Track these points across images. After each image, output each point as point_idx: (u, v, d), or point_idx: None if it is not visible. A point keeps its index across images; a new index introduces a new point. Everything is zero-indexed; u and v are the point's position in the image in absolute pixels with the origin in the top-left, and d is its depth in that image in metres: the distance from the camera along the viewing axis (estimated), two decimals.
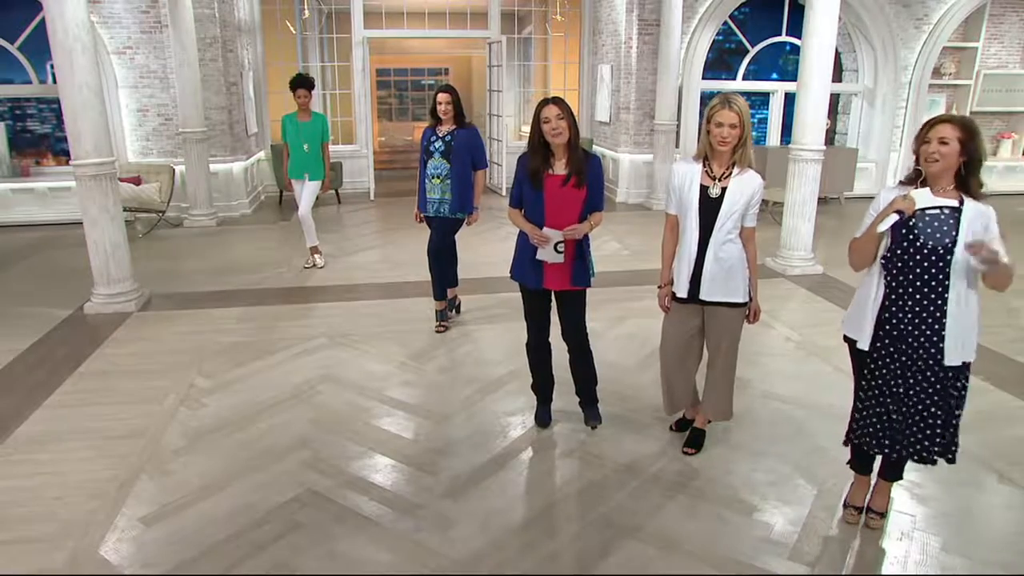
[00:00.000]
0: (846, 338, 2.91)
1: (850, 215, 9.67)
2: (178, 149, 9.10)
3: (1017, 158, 11.51)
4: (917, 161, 2.71)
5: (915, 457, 2.81)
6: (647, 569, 2.76)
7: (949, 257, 2.59)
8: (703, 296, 3.29)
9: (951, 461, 2.81)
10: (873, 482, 3.04)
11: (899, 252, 2.67)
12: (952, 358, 2.67)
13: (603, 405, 3.89)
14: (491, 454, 3.58)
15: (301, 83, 6.44)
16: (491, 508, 3.14)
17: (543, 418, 3.86)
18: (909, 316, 2.69)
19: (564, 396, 3.91)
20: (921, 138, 2.64)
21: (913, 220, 2.63)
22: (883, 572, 2.79)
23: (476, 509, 3.13)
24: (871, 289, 2.78)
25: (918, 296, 2.66)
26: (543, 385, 3.85)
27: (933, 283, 2.63)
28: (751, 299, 3.35)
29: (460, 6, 11.48)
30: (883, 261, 2.73)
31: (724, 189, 3.18)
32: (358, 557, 2.82)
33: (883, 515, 3.02)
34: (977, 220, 2.58)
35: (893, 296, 2.71)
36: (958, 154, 2.57)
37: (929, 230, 2.61)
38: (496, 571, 2.75)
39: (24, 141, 10.36)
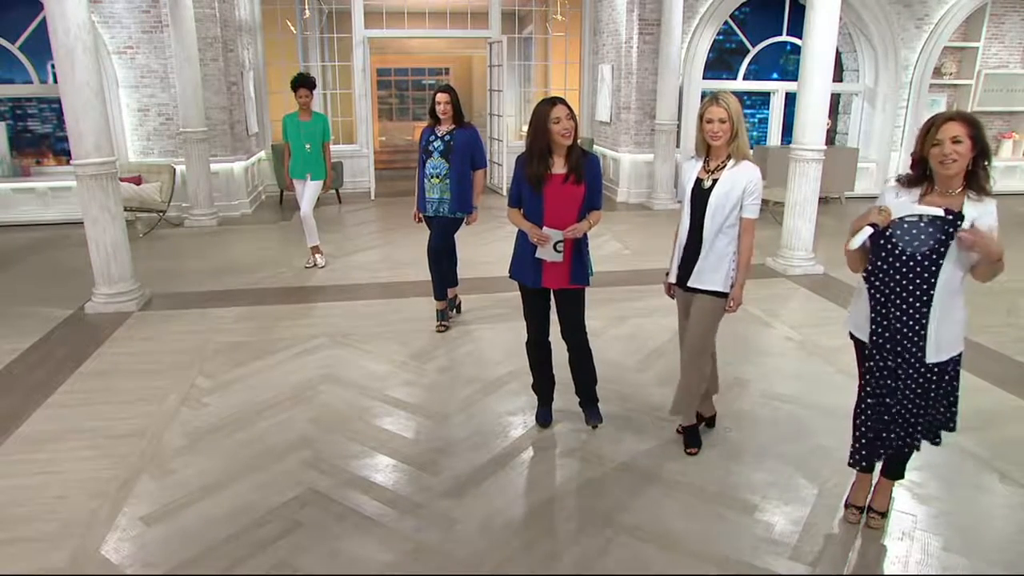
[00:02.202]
0: (852, 335, 2.92)
1: (851, 215, 9.65)
2: (179, 149, 9.11)
3: (1017, 158, 11.51)
4: (916, 164, 2.64)
5: (919, 439, 2.85)
6: (647, 568, 2.76)
7: (933, 267, 2.55)
8: (689, 283, 3.38)
9: (951, 430, 2.84)
10: (874, 481, 3.04)
11: (879, 263, 2.64)
12: (933, 355, 2.66)
13: (603, 405, 3.89)
14: (492, 454, 3.58)
15: (302, 83, 6.45)
16: (492, 508, 3.14)
17: (543, 418, 3.86)
18: (897, 325, 2.67)
19: (564, 396, 3.91)
20: (930, 140, 2.53)
21: (890, 230, 2.58)
22: (884, 572, 2.79)
23: (477, 508, 3.13)
24: (864, 291, 2.79)
25: (904, 305, 2.63)
26: (543, 385, 3.85)
27: (917, 292, 2.60)
28: (731, 289, 3.37)
29: (460, 6, 11.48)
30: (865, 274, 2.70)
31: (716, 181, 3.24)
32: (359, 556, 2.82)
33: (884, 515, 3.02)
34: (981, 221, 2.52)
35: (878, 307, 2.69)
36: (971, 151, 2.50)
37: (908, 237, 2.57)
38: (497, 571, 2.75)
39: (25, 141, 10.36)
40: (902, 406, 2.76)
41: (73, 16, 5.12)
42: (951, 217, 2.50)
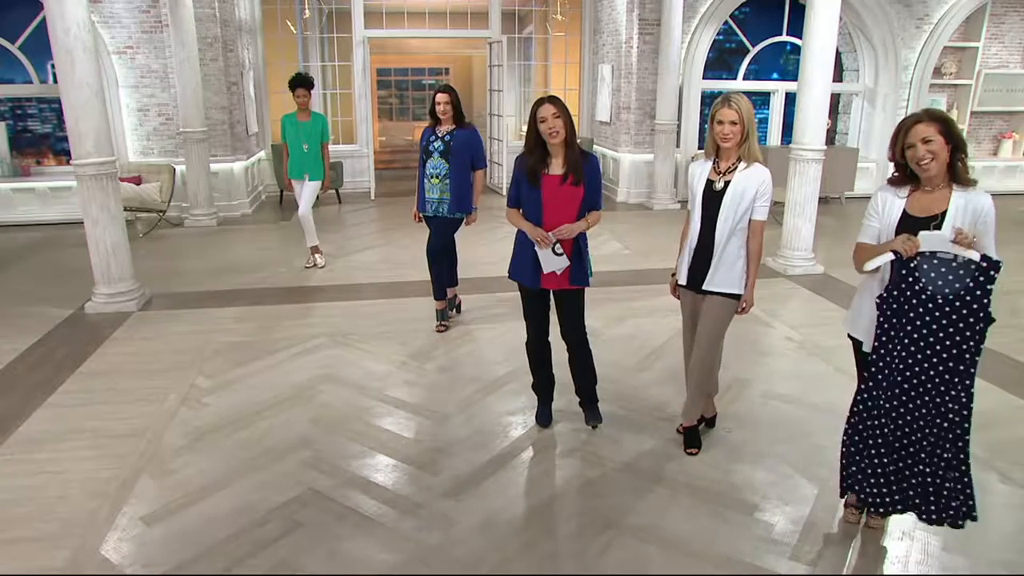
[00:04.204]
0: (851, 337, 2.92)
1: (851, 215, 9.67)
2: (179, 149, 9.11)
3: (1017, 158, 11.50)
4: (898, 166, 2.67)
5: (939, 519, 2.72)
6: (647, 569, 2.76)
7: (954, 314, 2.47)
8: (704, 286, 3.36)
9: (966, 518, 2.69)
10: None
11: (896, 293, 2.58)
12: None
13: (603, 405, 3.89)
14: (492, 454, 3.58)
15: (300, 83, 6.44)
16: (492, 507, 3.14)
17: (543, 418, 3.86)
18: (901, 364, 2.62)
19: (564, 396, 3.91)
20: (901, 143, 2.57)
21: (916, 262, 2.52)
22: (884, 572, 2.79)
23: (477, 508, 3.13)
24: (873, 294, 2.76)
25: (918, 345, 2.57)
26: (543, 384, 3.85)
27: (931, 338, 2.54)
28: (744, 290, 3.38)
29: (461, 6, 11.48)
30: (878, 301, 2.65)
31: (728, 183, 3.23)
32: (359, 556, 2.82)
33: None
34: (965, 212, 2.54)
35: (883, 336, 2.64)
36: (945, 146, 2.52)
37: (933, 274, 2.50)
38: (497, 570, 2.75)
39: (25, 141, 10.35)
40: (907, 456, 2.70)
41: (73, 16, 5.12)
42: (985, 265, 2.43)
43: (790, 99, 10.27)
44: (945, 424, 2.62)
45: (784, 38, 10.74)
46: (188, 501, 3.17)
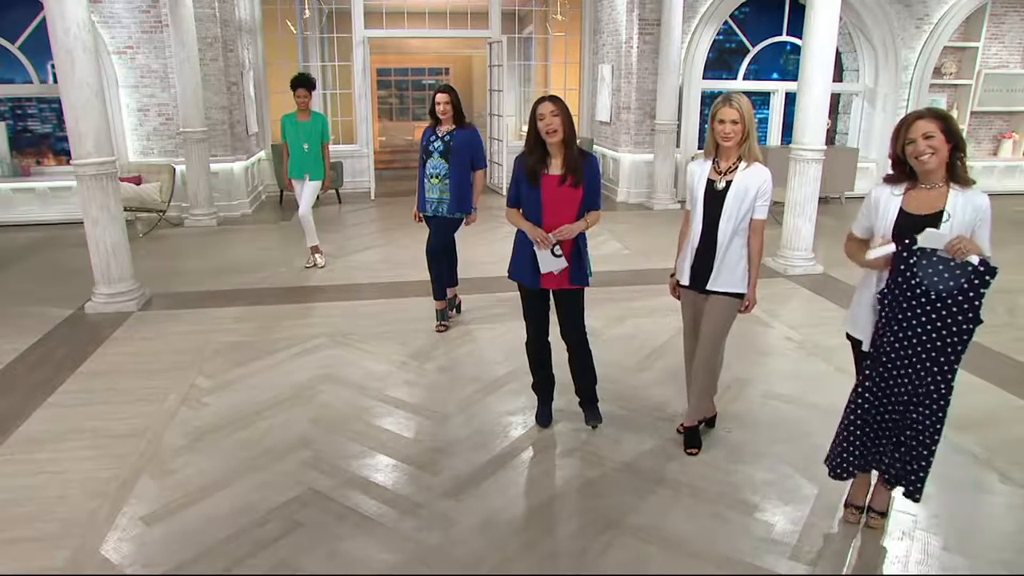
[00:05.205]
0: (849, 336, 2.92)
1: (851, 215, 9.64)
2: (179, 149, 9.11)
3: (1017, 158, 11.50)
4: (895, 164, 2.68)
5: (893, 481, 2.85)
6: (647, 569, 2.76)
7: (943, 310, 2.52)
8: (708, 287, 3.36)
9: (915, 498, 2.84)
10: (873, 481, 3.04)
11: (894, 288, 2.61)
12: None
13: (603, 405, 3.89)
14: (492, 453, 3.58)
15: (301, 83, 6.45)
16: (492, 507, 3.14)
17: (543, 418, 3.86)
18: (892, 353, 2.66)
19: (564, 396, 3.91)
20: (903, 139, 2.60)
21: (915, 259, 2.56)
22: (884, 572, 2.79)
23: (477, 508, 3.13)
24: (872, 293, 2.77)
25: (907, 334, 2.62)
26: (543, 384, 3.85)
27: (927, 328, 2.58)
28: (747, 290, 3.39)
29: (461, 6, 11.48)
30: (878, 296, 2.69)
31: (729, 183, 3.23)
32: (359, 556, 2.82)
33: (884, 514, 3.02)
34: (964, 211, 2.55)
35: (883, 331, 2.67)
36: (945, 144, 2.54)
37: (931, 270, 2.54)
38: (497, 570, 2.75)
39: (25, 141, 10.36)
40: (883, 424, 2.78)
41: (73, 16, 5.12)
42: (982, 269, 2.47)
43: (790, 99, 10.27)
44: (921, 409, 2.70)
45: (784, 38, 10.74)
46: (188, 501, 3.17)
